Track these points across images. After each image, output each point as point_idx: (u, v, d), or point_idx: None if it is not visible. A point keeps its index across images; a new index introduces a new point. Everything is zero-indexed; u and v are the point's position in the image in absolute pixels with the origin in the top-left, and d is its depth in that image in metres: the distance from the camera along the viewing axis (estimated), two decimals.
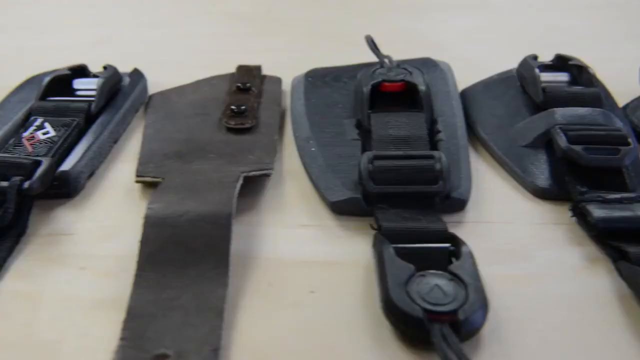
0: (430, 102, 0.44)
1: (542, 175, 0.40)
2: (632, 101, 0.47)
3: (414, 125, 0.41)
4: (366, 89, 0.44)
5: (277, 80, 0.51)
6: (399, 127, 0.41)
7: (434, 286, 0.29)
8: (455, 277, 0.30)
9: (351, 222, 0.36)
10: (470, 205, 0.38)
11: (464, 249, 0.31)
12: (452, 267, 0.30)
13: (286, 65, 0.51)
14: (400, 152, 0.38)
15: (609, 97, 0.47)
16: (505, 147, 0.43)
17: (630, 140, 0.39)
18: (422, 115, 0.42)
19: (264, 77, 0.52)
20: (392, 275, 0.30)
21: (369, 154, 0.37)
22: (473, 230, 0.36)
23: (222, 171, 0.38)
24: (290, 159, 0.42)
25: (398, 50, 0.49)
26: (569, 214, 0.36)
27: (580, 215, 0.36)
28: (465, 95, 0.49)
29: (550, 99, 0.43)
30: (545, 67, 0.49)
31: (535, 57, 0.49)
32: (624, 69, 0.49)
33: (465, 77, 0.49)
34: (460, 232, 0.36)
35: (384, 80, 0.45)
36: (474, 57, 0.56)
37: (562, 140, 0.39)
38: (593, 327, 0.30)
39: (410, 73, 0.46)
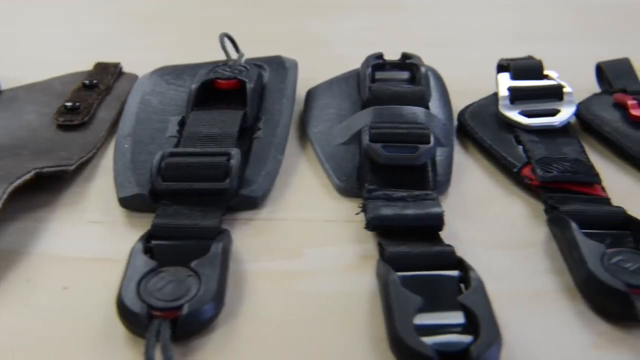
0: (257, 100, 0.44)
1: (347, 173, 0.40)
2: (470, 104, 0.47)
3: (228, 122, 0.41)
4: (194, 87, 0.44)
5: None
6: (213, 124, 0.41)
7: (168, 282, 0.30)
8: (194, 273, 0.30)
9: (141, 218, 0.36)
10: (271, 203, 0.39)
11: (213, 248, 0.32)
12: (195, 264, 0.30)
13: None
14: (197, 149, 0.38)
15: (444, 97, 0.47)
16: (324, 145, 0.43)
17: (431, 138, 0.39)
18: (241, 113, 0.42)
19: (122, 74, 0.52)
20: (130, 274, 0.30)
21: (165, 151, 0.37)
22: (259, 226, 0.36)
23: (16, 167, 0.38)
24: (109, 156, 0.42)
25: (285, 49, 0.51)
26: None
27: (366, 213, 0.36)
28: (309, 94, 0.49)
29: (374, 97, 0.44)
30: (393, 66, 0.49)
31: (379, 56, 0.49)
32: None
33: None
34: (245, 229, 0.36)
35: (216, 78, 0.45)
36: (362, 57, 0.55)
37: (364, 139, 0.39)
38: (335, 323, 0.30)
39: (247, 71, 0.46)
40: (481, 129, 0.45)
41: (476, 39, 0.63)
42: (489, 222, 0.37)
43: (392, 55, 0.49)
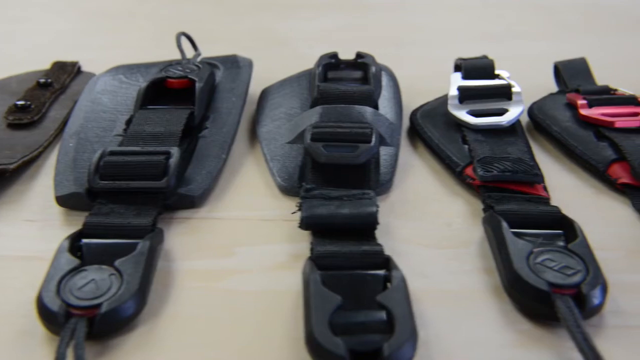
0: (205, 99, 0.44)
1: (290, 172, 0.40)
2: (424, 104, 0.47)
3: (173, 121, 0.41)
4: (143, 86, 0.44)
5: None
6: (158, 123, 0.41)
7: (90, 281, 0.30)
8: (116, 272, 0.30)
9: (78, 217, 0.36)
10: (211, 201, 0.39)
11: (139, 246, 0.32)
12: (119, 263, 0.31)
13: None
14: (137, 148, 0.38)
15: (395, 96, 0.47)
16: (271, 144, 0.43)
17: (373, 138, 0.38)
18: (187, 111, 0.42)
19: (80, 73, 0.52)
20: (52, 272, 0.30)
21: (105, 150, 0.37)
22: (196, 225, 0.36)
23: None
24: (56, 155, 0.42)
25: (250, 48, 0.52)
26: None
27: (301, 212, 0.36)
28: (262, 93, 0.49)
29: (322, 97, 0.43)
30: (347, 65, 0.49)
31: (333, 55, 0.49)
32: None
33: None
34: (181, 228, 0.36)
35: (167, 77, 0.45)
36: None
37: (306, 138, 0.39)
38: (257, 322, 0.30)
39: (199, 70, 0.46)
40: (430, 128, 0.45)
41: (442, 39, 0.63)
42: (428, 221, 0.37)
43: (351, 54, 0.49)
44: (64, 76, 0.51)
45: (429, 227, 0.37)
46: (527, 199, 0.37)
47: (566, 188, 0.40)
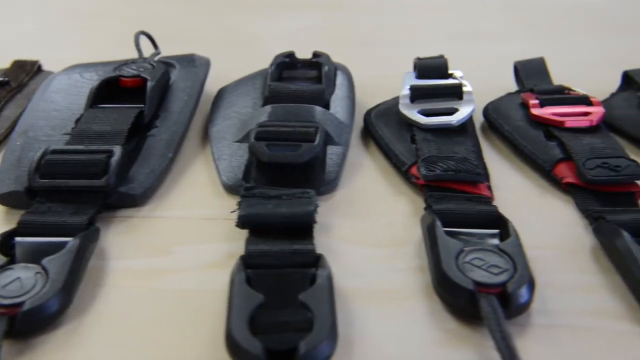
0: (157, 97, 0.44)
1: (234, 171, 0.40)
2: (380, 103, 0.47)
3: (121, 120, 0.41)
4: (94, 84, 0.44)
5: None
6: (105, 122, 0.41)
7: (15, 279, 0.30)
8: (43, 270, 0.30)
9: (18, 216, 0.36)
10: (155, 200, 0.39)
11: (69, 244, 0.32)
12: (46, 261, 0.31)
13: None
14: (80, 147, 0.38)
15: (349, 96, 0.47)
16: (220, 144, 0.43)
17: (317, 137, 0.39)
18: (136, 110, 0.42)
19: (40, 72, 0.52)
20: None
21: (47, 148, 0.37)
22: (136, 224, 0.37)
23: None
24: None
25: (217, 48, 0.52)
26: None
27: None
28: (218, 92, 0.49)
29: (272, 96, 0.44)
30: (304, 65, 0.49)
31: (290, 55, 0.49)
32: None
33: None
34: (121, 226, 0.36)
35: (120, 76, 0.45)
36: None
37: (251, 137, 0.39)
38: (185, 322, 0.30)
39: (153, 69, 0.46)
40: (382, 127, 0.45)
41: (411, 38, 0.63)
42: (370, 220, 0.37)
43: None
44: (22, 75, 0.51)
45: (370, 226, 0.37)
46: (468, 198, 0.37)
47: (513, 187, 0.40)
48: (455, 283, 0.30)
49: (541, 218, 0.38)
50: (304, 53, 0.50)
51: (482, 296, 0.29)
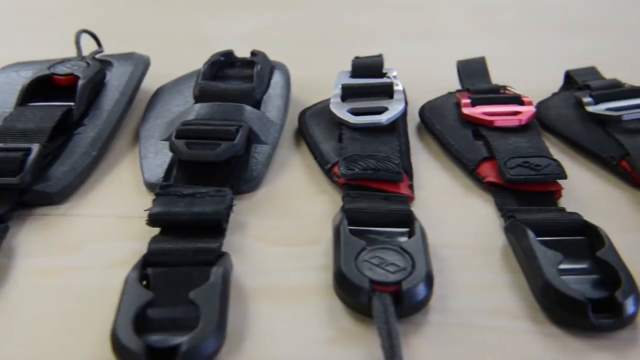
0: (86, 96, 0.44)
1: (156, 169, 0.40)
2: (318, 102, 0.47)
3: (46, 118, 0.41)
4: (25, 82, 0.44)
5: None
6: (30, 120, 0.41)
7: None
8: None
9: None
10: (75, 198, 0.39)
11: None
12: None
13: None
14: (0, 145, 0.38)
15: (283, 95, 0.47)
16: (147, 142, 0.43)
17: (237, 136, 0.38)
18: (63, 108, 0.42)
19: None
20: None
21: None
22: (51, 222, 0.36)
23: None
24: None
25: (173, 47, 0.55)
26: None
27: None
28: (155, 91, 0.49)
29: (202, 95, 0.44)
30: (243, 63, 0.49)
31: (228, 53, 0.49)
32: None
33: None
34: (35, 225, 0.36)
35: (53, 74, 0.45)
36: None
37: (172, 135, 0.39)
38: (79, 321, 0.30)
39: (87, 67, 0.46)
40: (313, 126, 0.44)
41: (367, 38, 0.63)
42: (287, 219, 0.37)
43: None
44: None
45: (285, 225, 0.37)
46: (384, 197, 0.37)
47: (438, 186, 0.40)
48: (351, 282, 0.30)
49: (460, 217, 0.38)
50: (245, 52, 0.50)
51: (376, 295, 0.29)
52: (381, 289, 0.29)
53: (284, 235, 0.36)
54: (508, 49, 0.61)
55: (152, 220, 0.34)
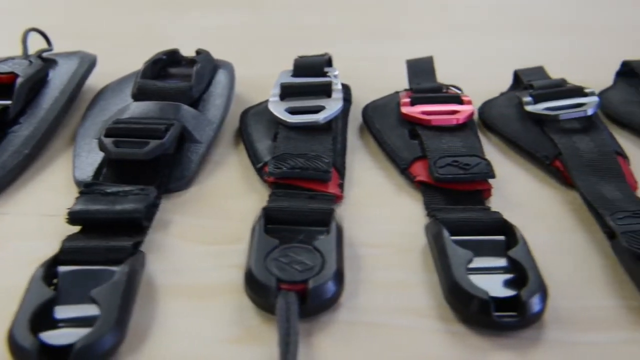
0: (25, 94, 0.44)
1: (87, 168, 0.40)
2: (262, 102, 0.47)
3: None
4: None
5: None
6: None
7: None
8: None
9: None
10: (3, 197, 0.38)
11: None
12: None
13: None
14: None
15: (224, 94, 0.47)
16: (82, 141, 0.43)
17: (167, 134, 0.38)
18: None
19: None
20: None
21: None
22: None
23: None
24: None
25: (129, 47, 0.55)
26: None
27: None
28: (100, 90, 0.49)
29: (139, 93, 0.44)
30: (188, 62, 0.49)
31: (172, 52, 0.49)
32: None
33: None
34: None
35: None
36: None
37: (102, 135, 0.39)
38: None
39: (29, 65, 0.46)
40: (252, 125, 0.44)
41: (329, 38, 0.63)
42: (212, 218, 0.37)
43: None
44: None
45: (211, 224, 0.37)
46: (309, 196, 0.37)
47: (371, 185, 0.40)
48: (258, 280, 0.30)
49: (387, 216, 0.38)
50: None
51: (282, 293, 0.29)
52: (287, 288, 0.29)
53: (207, 234, 0.36)
54: (467, 49, 0.61)
55: (72, 219, 0.34)
